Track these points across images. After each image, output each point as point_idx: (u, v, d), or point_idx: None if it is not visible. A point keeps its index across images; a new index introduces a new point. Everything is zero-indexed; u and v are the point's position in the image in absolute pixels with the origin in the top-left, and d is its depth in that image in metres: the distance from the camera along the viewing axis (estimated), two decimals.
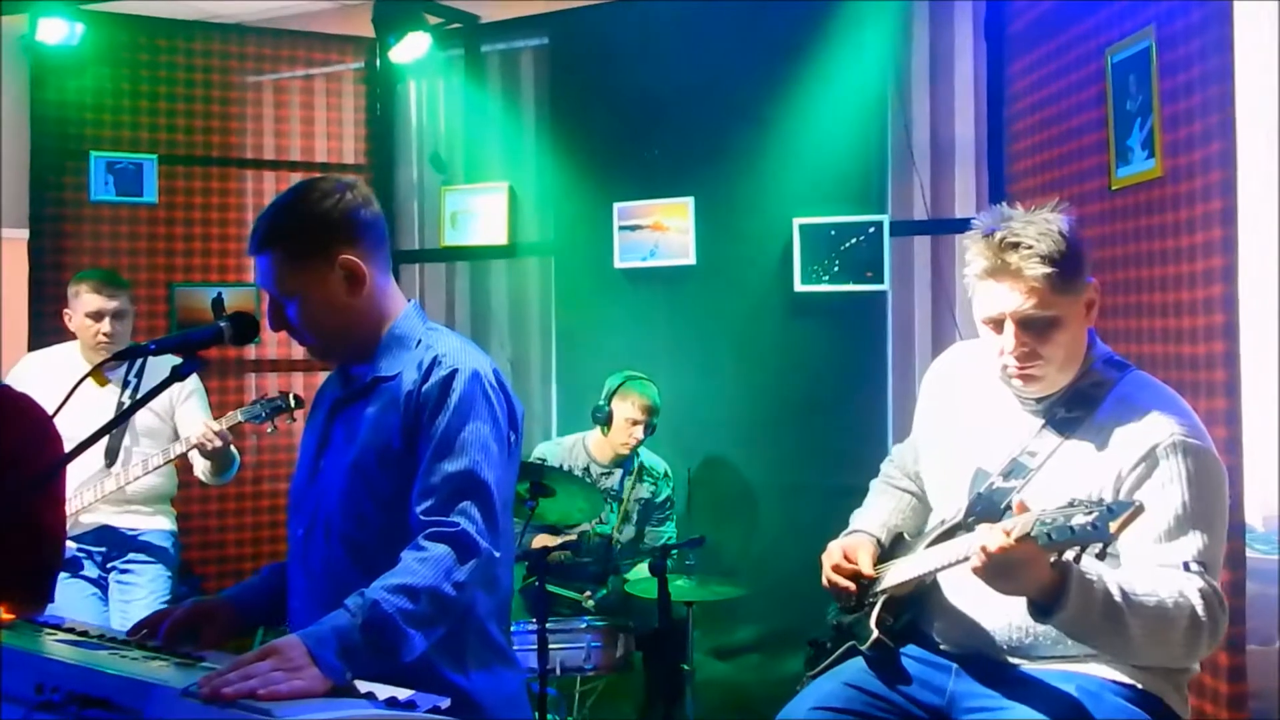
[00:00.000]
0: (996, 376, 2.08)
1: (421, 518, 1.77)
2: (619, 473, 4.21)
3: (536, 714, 3.15)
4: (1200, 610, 1.80)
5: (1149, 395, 1.99)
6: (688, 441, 4.44)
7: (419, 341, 1.92)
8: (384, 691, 1.58)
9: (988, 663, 2.06)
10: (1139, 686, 1.97)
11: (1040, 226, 1.94)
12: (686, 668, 3.67)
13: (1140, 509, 1.63)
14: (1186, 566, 1.85)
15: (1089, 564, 1.76)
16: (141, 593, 3.66)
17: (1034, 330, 1.95)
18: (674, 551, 3.47)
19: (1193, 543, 1.86)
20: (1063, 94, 3.36)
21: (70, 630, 1.89)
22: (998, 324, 1.98)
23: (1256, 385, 2.71)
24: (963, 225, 4.19)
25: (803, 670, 4.00)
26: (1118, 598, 1.77)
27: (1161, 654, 1.90)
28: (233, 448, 3.58)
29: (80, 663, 1.63)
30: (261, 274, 1.89)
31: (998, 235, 1.94)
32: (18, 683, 1.59)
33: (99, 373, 3.56)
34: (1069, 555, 1.71)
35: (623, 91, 4.62)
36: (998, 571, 1.76)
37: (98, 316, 3.59)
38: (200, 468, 3.67)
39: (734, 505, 4.47)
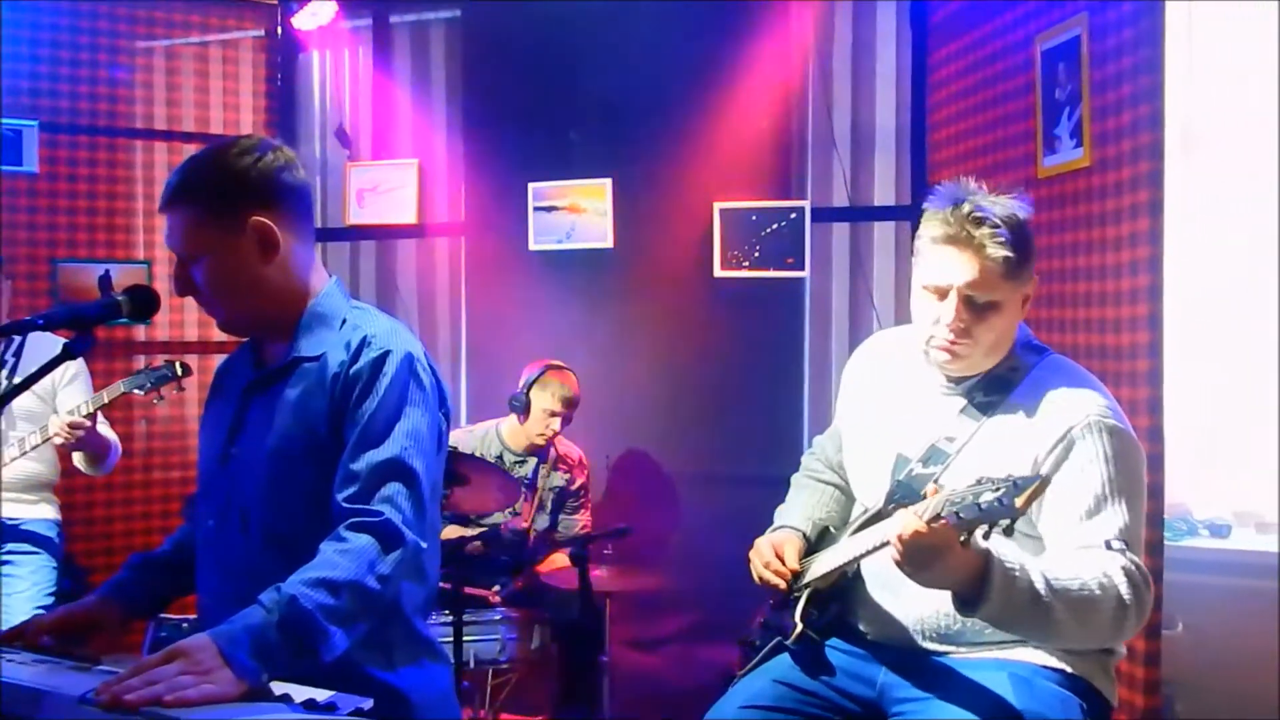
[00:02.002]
0: (919, 352, 2.04)
1: (344, 505, 1.65)
2: (533, 462, 4.11)
3: None
4: (1125, 590, 1.79)
5: (1064, 377, 1.98)
6: (603, 429, 4.36)
7: (344, 321, 1.80)
8: (301, 693, 1.47)
9: (916, 653, 2.04)
10: (1069, 671, 1.96)
11: (1006, 207, 1.93)
12: (604, 659, 3.60)
13: (1046, 481, 1.62)
14: (1109, 545, 1.83)
15: (1010, 554, 1.74)
16: (23, 585, 3.45)
17: (975, 309, 1.93)
18: (594, 541, 3.38)
19: (1114, 520, 1.85)
20: (988, 82, 3.35)
21: None
22: (941, 293, 1.95)
23: (1178, 376, 2.72)
24: (884, 213, 4.23)
25: (720, 662, 3.99)
26: (1041, 585, 1.75)
27: (1089, 637, 1.89)
28: (110, 434, 3.40)
29: None
30: (169, 232, 1.76)
31: (965, 206, 1.91)
32: None
33: None
34: (979, 535, 1.67)
35: (539, 68, 4.48)
36: (915, 559, 1.70)
37: None
38: (75, 457, 3.48)
39: (650, 494, 4.41)
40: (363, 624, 1.61)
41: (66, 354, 1.63)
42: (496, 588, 3.78)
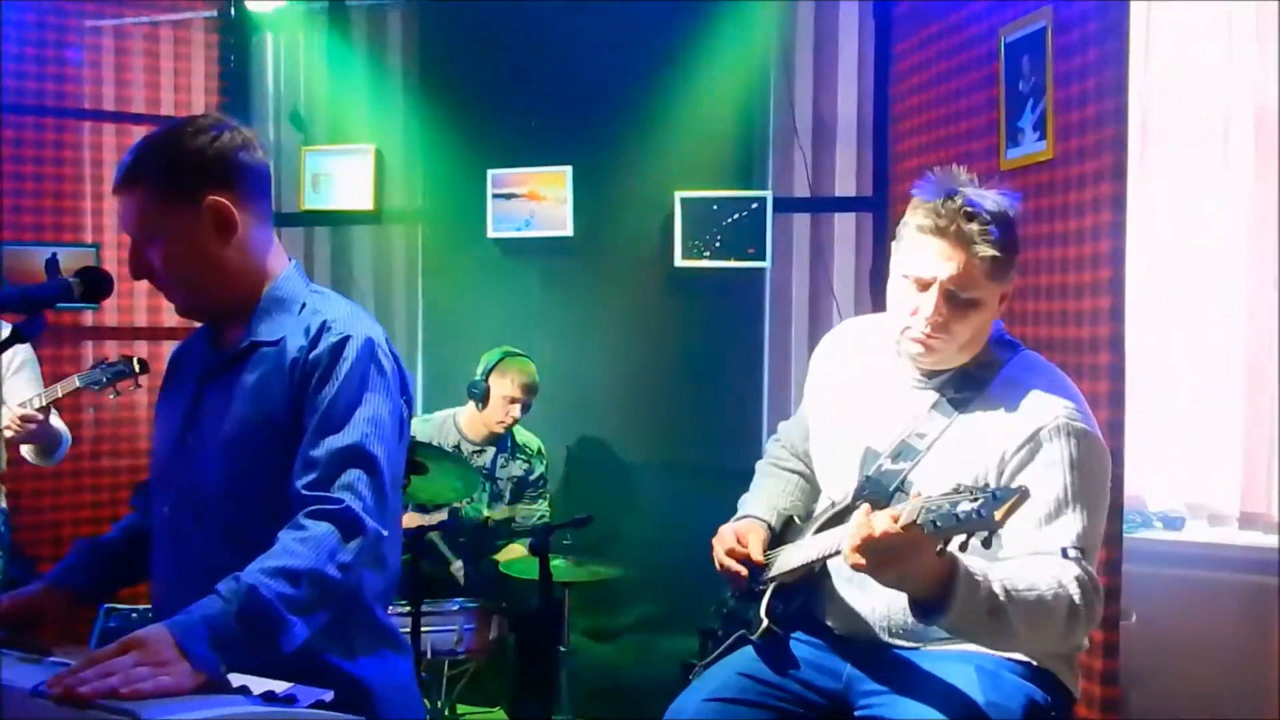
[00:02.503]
0: (891, 342, 2.02)
1: (303, 493, 1.62)
2: (491, 450, 4.07)
3: None
4: (1077, 598, 1.78)
5: (1036, 377, 1.97)
6: (562, 418, 4.34)
7: (303, 305, 1.76)
8: (259, 685, 1.43)
9: (881, 646, 2.03)
10: (1034, 664, 1.96)
11: (998, 204, 1.90)
12: (563, 649, 3.57)
13: (1025, 494, 1.57)
14: (1065, 553, 1.82)
15: (974, 562, 1.71)
16: None
17: (956, 305, 1.91)
18: (555, 531, 3.35)
19: (1071, 527, 1.84)
20: (951, 74, 3.35)
21: None
22: (923, 285, 1.92)
23: (1133, 369, 2.73)
24: (846, 204, 4.23)
25: (680, 653, 3.97)
26: (1001, 596, 1.72)
27: (1040, 644, 1.89)
28: (60, 425, 3.31)
29: None
30: (123, 213, 1.71)
31: (957, 199, 1.88)
32: None
33: None
34: (954, 544, 1.64)
35: (498, 53, 4.43)
36: (880, 559, 1.66)
37: None
38: (25, 449, 3.38)
39: (609, 484, 4.39)
40: (323, 613, 1.58)
41: (16, 336, 1.59)
42: (459, 563, 3.75)
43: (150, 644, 1.41)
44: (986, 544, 1.62)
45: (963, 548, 1.60)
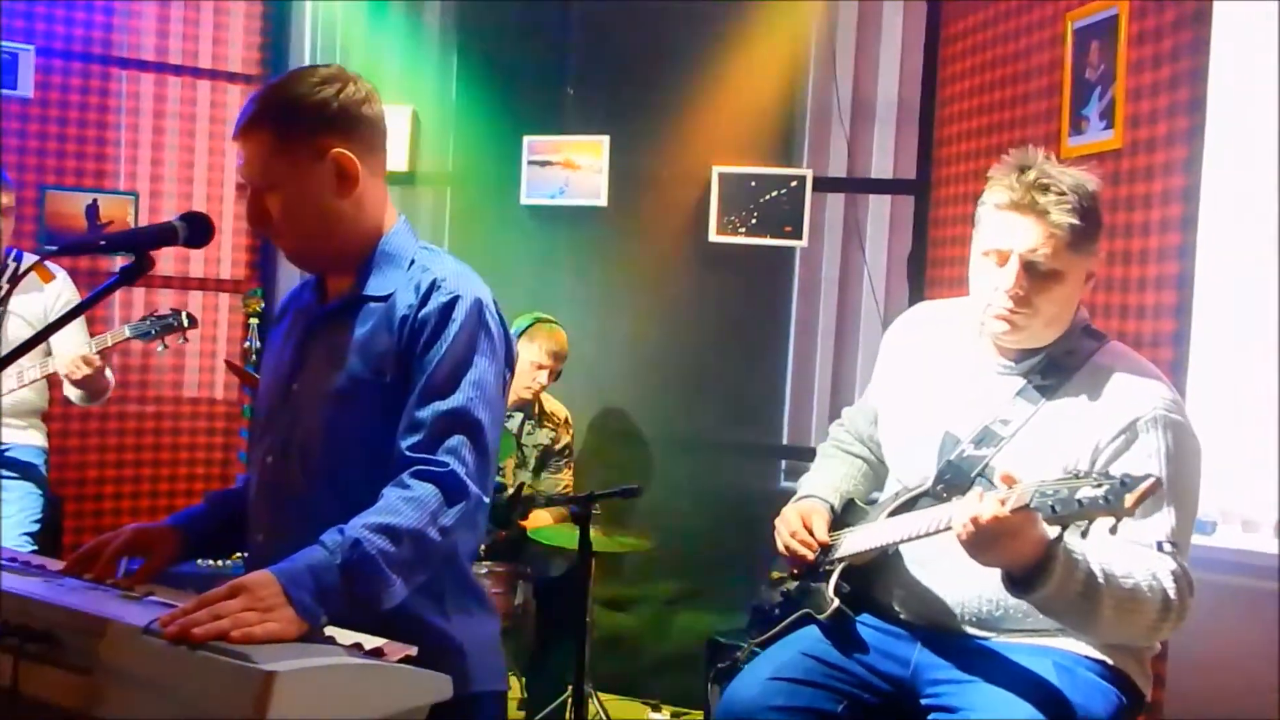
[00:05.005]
0: (973, 325, 2.00)
1: (407, 454, 1.60)
2: (519, 417, 4.03)
3: None
4: (1172, 594, 1.78)
5: (1128, 365, 1.95)
6: (587, 388, 4.30)
7: (412, 261, 1.74)
8: (346, 637, 1.43)
9: (952, 634, 2.01)
10: (1109, 662, 1.95)
11: (1075, 178, 1.90)
12: (588, 619, 3.55)
13: (1158, 483, 1.56)
14: (1160, 547, 1.81)
15: (1072, 540, 1.70)
16: (10, 509, 3.39)
17: (1036, 277, 1.90)
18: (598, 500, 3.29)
19: (1167, 521, 1.83)
20: (1008, 59, 3.32)
21: None
22: (1002, 257, 1.91)
23: (1205, 366, 2.71)
24: (888, 186, 4.20)
25: (698, 627, 3.96)
26: (1099, 578, 1.72)
27: (1126, 634, 1.88)
28: (108, 372, 3.34)
29: (18, 591, 1.43)
30: (245, 160, 1.69)
31: (1031, 173, 1.88)
32: None
33: (43, 267, 3.36)
34: (1075, 531, 1.64)
35: (539, 21, 4.38)
36: (984, 543, 1.68)
37: None
38: (71, 391, 3.43)
39: (632, 455, 4.36)
40: (421, 574, 1.57)
41: (125, 278, 1.57)
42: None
43: (258, 589, 1.41)
44: (1085, 533, 1.61)
45: (1083, 535, 1.59)
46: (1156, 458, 1.83)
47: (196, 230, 1.64)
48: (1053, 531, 1.68)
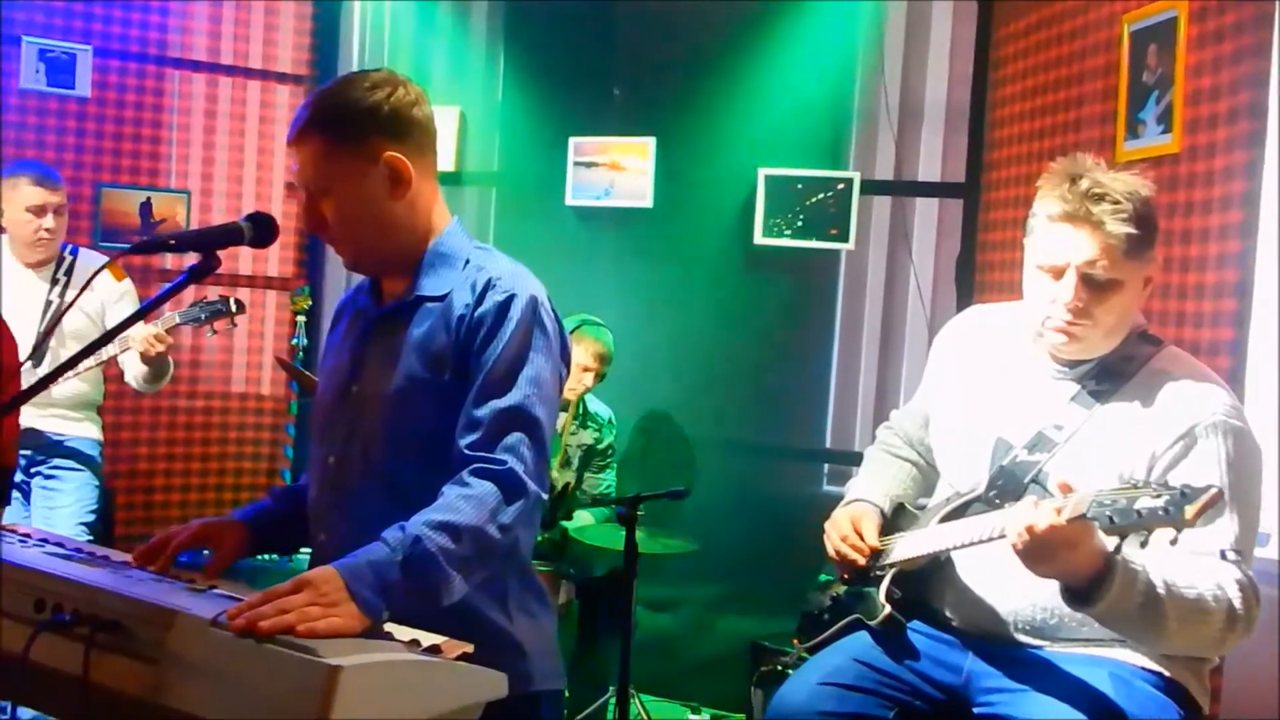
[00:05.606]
0: (1028, 333, 1.98)
1: (466, 452, 1.62)
2: (563, 417, 4.04)
3: None
4: (1238, 603, 1.75)
5: (1186, 370, 1.92)
6: (630, 390, 4.30)
7: (467, 261, 1.75)
8: (404, 633, 1.45)
9: (1005, 643, 1.99)
10: (1166, 675, 1.91)
11: (1128, 184, 1.86)
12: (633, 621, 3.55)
13: (1219, 494, 1.54)
14: (1223, 555, 1.78)
15: (1131, 551, 1.68)
16: (67, 499, 3.48)
17: (1094, 288, 1.87)
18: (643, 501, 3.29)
19: (1229, 528, 1.80)
20: (1060, 62, 3.28)
21: (53, 543, 1.74)
22: (1058, 272, 1.88)
23: (1261, 376, 2.67)
24: (937, 189, 4.17)
25: (741, 631, 3.94)
26: (1160, 589, 1.70)
27: (1191, 645, 1.85)
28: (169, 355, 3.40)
29: (88, 581, 1.46)
30: (299, 165, 1.71)
31: (1084, 182, 1.85)
32: (8, 597, 1.45)
33: (116, 266, 3.47)
34: (1134, 541, 1.61)
35: (586, 22, 4.40)
36: (1039, 553, 1.66)
37: (40, 211, 3.42)
38: (134, 374, 3.49)
39: (677, 458, 4.36)
40: (481, 572, 1.58)
41: (193, 276, 1.60)
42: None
43: (321, 584, 1.42)
44: (1144, 543, 1.59)
45: (1142, 545, 1.57)
46: (1217, 465, 1.80)
47: (261, 230, 1.67)
48: (1110, 542, 1.66)
